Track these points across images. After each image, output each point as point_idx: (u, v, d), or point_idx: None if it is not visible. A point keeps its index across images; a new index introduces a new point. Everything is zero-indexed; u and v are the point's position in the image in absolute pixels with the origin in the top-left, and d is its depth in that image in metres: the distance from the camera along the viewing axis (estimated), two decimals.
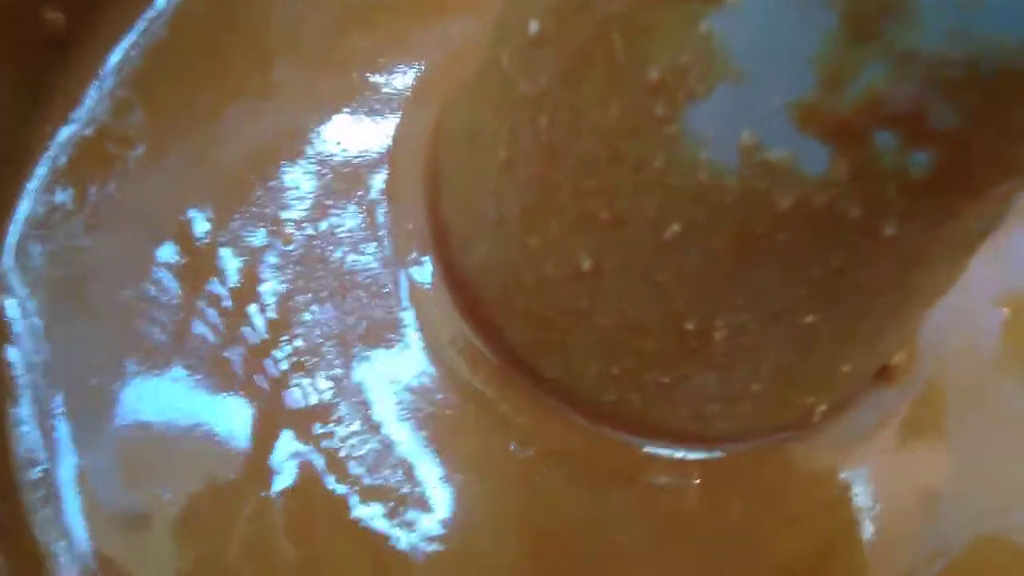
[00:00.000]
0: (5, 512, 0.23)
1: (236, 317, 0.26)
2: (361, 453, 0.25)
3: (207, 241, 0.27)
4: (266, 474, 0.24)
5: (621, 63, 0.16)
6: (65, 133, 0.29)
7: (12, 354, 0.25)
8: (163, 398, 0.25)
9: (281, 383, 0.26)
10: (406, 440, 0.25)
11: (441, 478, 0.24)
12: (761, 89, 0.14)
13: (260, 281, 0.26)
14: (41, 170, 0.28)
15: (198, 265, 0.26)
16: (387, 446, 0.25)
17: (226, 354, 0.26)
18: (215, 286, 0.26)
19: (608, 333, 0.21)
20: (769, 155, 0.15)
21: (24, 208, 0.28)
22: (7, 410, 0.24)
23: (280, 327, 0.26)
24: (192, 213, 0.27)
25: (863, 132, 0.14)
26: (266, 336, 0.25)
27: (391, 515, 0.24)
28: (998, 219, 0.18)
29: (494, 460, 0.24)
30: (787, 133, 0.15)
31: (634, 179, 0.17)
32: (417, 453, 0.25)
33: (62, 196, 0.28)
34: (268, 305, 0.26)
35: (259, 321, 0.26)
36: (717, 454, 0.24)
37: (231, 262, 0.27)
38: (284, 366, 0.26)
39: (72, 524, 0.23)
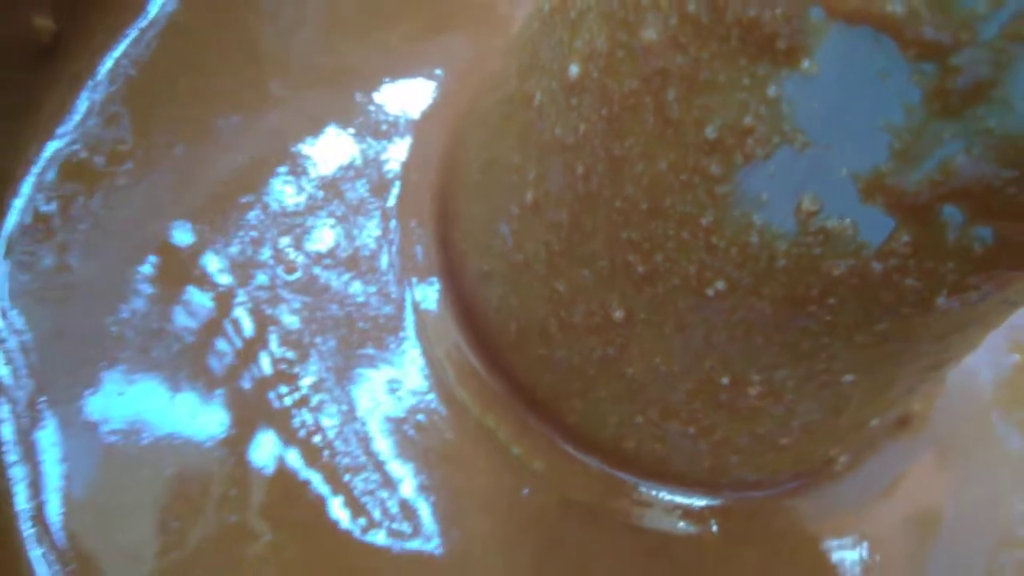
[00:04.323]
0: None
1: (248, 347, 0.25)
2: (366, 492, 0.24)
3: (193, 258, 0.26)
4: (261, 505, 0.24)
5: (674, 118, 0.15)
6: (52, 147, 0.27)
7: None
8: (144, 403, 0.24)
9: (282, 414, 0.25)
10: (413, 479, 0.24)
11: (450, 520, 0.24)
12: (826, 157, 0.14)
13: (266, 313, 0.25)
14: (27, 185, 0.27)
15: (183, 278, 0.26)
16: (393, 484, 0.24)
17: (211, 375, 0.25)
18: (203, 303, 0.26)
19: (635, 383, 0.20)
20: (829, 223, 0.15)
21: (9, 223, 0.26)
22: None
23: (286, 360, 0.25)
24: (180, 231, 0.27)
25: (930, 206, 0.14)
26: (278, 368, 0.25)
27: (400, 555, 0.23)
28: None
29: (507, 505, 0.23)
30: (850, 202, 0.14)
31: (677, 235, 0.17)
32: (425, 494, 0.24)
33: (47, 211, 0.27)
34: (279, 335, 0.25)
35: (274, 355, 0.25)
36: (734, 502, 0.23)
37: (221, 280, 0.26)
38: (287, 401, 0.25)
39: (51, 520, 0.23)
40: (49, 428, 0.24)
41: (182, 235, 0.27)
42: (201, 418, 0.24)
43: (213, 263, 0.26)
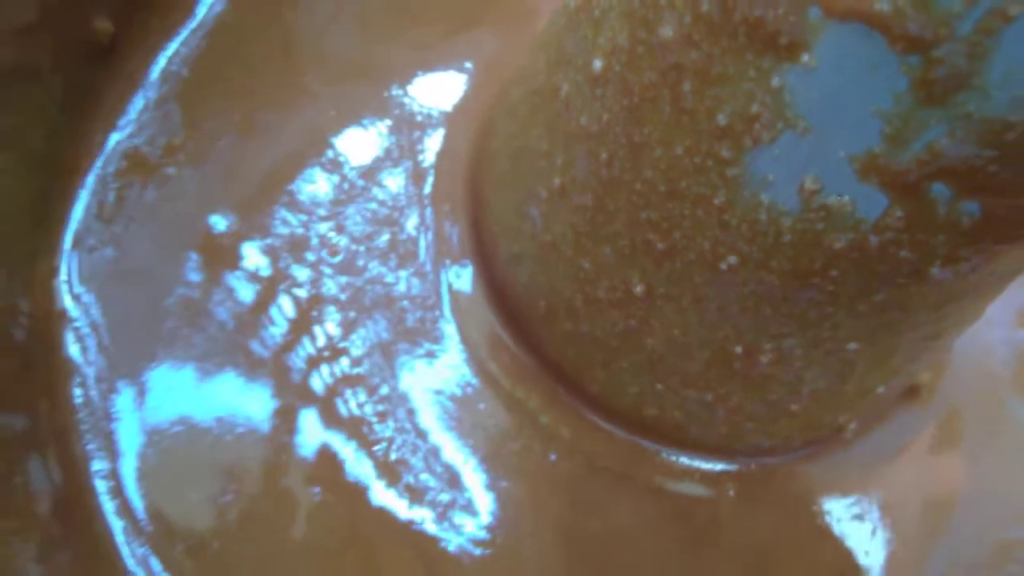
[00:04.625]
0: (62, 468, 0.25)
1: (296, 323, 0.27)
2: (406, 458, 0.26)
3: (242, 242, 0.28)
4: (307, 469, 0.26)
5: (688, 107, 0.17)
6: (113, 141, 0.29)
7: (69, 338, 0.27)
8: (202, 377, 0.26)
9: (329, 387, 0.27)
10: (449, 446, 0.26)
11: (484, 484, 0.26)
12: (825, 140, 0.15)
13: (311, 293, 0.27)
14: (91, 178, 0.29)
15: (233, 262, 0.28)
16: (431, 452, 0.26)
17: (262, 348, 0.27)
18: (253, 284, 0.28)
19: (655, 353, 0.22)
20: (829, 200, 0.16)
21: (76, 213, 0.29)
22: (65, 384, 0.26)
23: (332, 336, 0.27)
24: (230, 218, 0.29)
25: (920, 183, 0.15)
26: (325, 344, 0.27)
27: (438, 517, 0.25)
28: None
29: (536, 469, 0.25)
30: (848, 181, 0.16)
31: (693, 214, 0.18)
32: (460, 460, 0.26)
33: (109, 201, 0.29)
34: (324, 312, 0.27)
35: (320, 332, 0.27)
36: (750, 467, 0.25)
37: (269, 263, 0.28)
38: (328, 380, 0.27)
39: (124, 481, 0.25)
40: (118, 399, 0.26)
41: (231, 222, 0.28)
42: (254, 390, 0.26)
43: (261, 247, 0.28)
